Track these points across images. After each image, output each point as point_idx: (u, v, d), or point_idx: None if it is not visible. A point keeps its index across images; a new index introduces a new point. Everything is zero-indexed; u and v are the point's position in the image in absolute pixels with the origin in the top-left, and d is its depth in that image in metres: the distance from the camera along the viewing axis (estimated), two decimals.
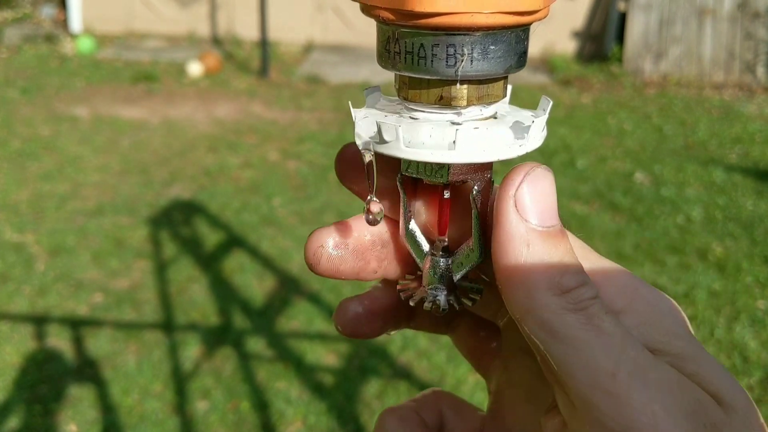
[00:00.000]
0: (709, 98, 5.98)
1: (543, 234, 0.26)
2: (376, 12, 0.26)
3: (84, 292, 2.81)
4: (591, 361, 0.24)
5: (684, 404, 0.24)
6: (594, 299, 0.26)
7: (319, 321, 2.69)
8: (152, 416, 2.18)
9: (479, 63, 0.26)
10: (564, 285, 0.26)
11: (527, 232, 0.26)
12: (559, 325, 0.25)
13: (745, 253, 3.27)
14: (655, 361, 0.25)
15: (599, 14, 6.82)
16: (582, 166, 4.31)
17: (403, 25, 0.26)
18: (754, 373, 2.43)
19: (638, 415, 0.24)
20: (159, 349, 2.50)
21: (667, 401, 0.24)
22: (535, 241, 0.26)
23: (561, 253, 0.26)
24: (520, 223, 0.26)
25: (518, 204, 0.26)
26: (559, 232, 0.27)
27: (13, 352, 2.43)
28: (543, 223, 0.26)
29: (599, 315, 0.25)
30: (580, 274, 0.26)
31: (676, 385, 0.25)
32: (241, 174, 4.05)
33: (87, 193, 3.73)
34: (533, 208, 0.26)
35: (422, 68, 0.26)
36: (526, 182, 0.26)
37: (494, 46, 0.26)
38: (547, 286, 0.25)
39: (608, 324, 0.25)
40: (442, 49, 0.25)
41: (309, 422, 2.19)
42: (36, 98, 5.32)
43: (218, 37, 7.27)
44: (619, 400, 0.24)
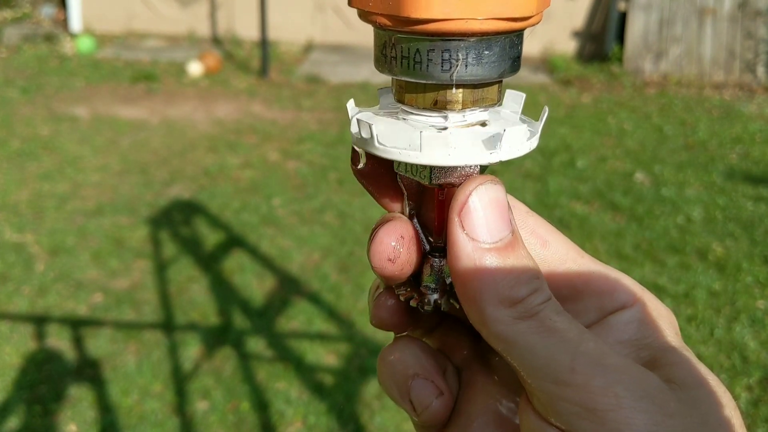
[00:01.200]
0: (709, 98, 5.98)
1: (491, 250, 0.27)
2: (374, 18, 0.26)
3: (84, 292, 2.81)
4: (549, 361, 0.26)
5: (643, 386, 0.26)
6: (545, 303, 0.27)
7: (318, 321, 2.69)
8: (152, 416, 2.18)
9: (474, 68, 0.26)
10: (514, 297, 0.27)
11: (474, 251, 0.27)
12: (512, 334, 0.27)
13: (745, 253, 3.27)
14: (611, 350, 0.27)
15: (599, 14, 6.82)
16: (582, 166, 4.30)
17: (399, 31, 0.26)
18: (754, 373, 2.43)
19: (601, 398, 0.25)
20: (159, 349, 2.49)
21: (627, 383, 0.25)
22: (482, 258, 0.27)
23: (512, 263, 0.27)
24: (468, 243, 0.27)
25: (464, 223, 0.27)
26: (509, 244, 0.28)
27: (13, 352, 2.43)
28: (490, 239, 0.27)
29: (551, 317, 0.27)
30: (532, 281, 0.27)
31: (635, 370, 0.26)
32: (240, 174, 4.05)
33: (87, 193, 3.72)
34: (479, 225, 0.27)
35: (418, 73, 0.27)
36: (471, 201, 0.27)
37: (488, 51, 0.26)
38: (497, 300, 0.27)
39: (561, 323, 0.27)
40: (437, 54, 0.26)
41: (309, 422, 2.18)
42: (35, 98, 5.32)
43: (218, 36, 7.27)
44: (580, 389, 0.25)
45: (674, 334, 0.31)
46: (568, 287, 0.31)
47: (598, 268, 0.32)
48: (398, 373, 0.33)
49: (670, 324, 0.31)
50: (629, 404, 0.25)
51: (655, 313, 0.31)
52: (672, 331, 0.31)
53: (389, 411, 2.23)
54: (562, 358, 0.26)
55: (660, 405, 0.26)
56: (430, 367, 0.33)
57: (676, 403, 0.26)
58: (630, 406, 0.25)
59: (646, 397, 0.25)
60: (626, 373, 0.26)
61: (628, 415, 0.25)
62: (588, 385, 0.25)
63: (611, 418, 0.25)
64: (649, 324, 0.30)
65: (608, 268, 0.32)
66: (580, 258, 0.32)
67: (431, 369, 0.33)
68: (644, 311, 0.31)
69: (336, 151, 4.44)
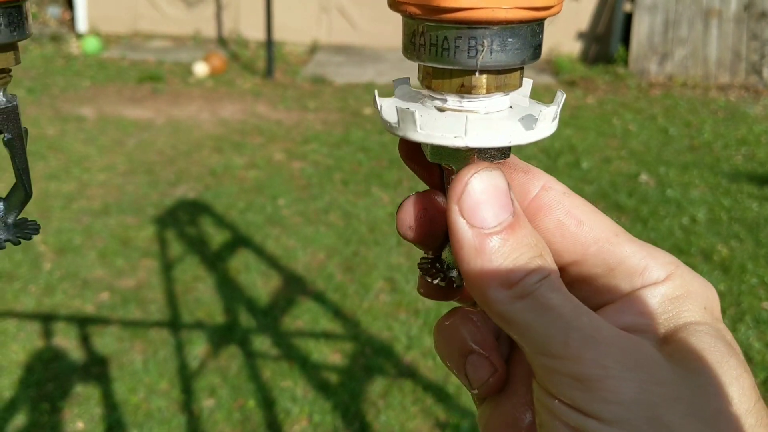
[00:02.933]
0: (714, 99, 5.98)
1: (490, 234, 0.29)
2: (404, 7, 0.28)
3: (90, 291, 2.83)
4: (544, 337, 0.28)
5: (634, 357, 0.27)
6: (542, 281, 0.28)
7: (324, 320, 2.69)
8: (158, 414, 2.19)
9: (498, 54, 0.28)
10: (511, 279, 0.28)
11: (474, 236, 0.29)
12: (511, 313, 0.28)
13: (750, 255, 3.27)
14: (605, 323, 0.28)
15: (605, 15, 6.82)
16: (587, 167, 4.31)
17: (428, 19, 0.28)
18: (759, 374, 2.43)
19: (590, 369, 0.27)
20: (165, 347, 2.51)
21: (616, 355, 0.27)
22: (482, 243, 0.29)
23: (511, 245, 0.29)
24: (468, 229, 0.29)
25: (463, 211, 0.29)
26: (508, 227, 0.29)
27: (20, 350, 2.45)
28: (488, 224, 0.29)
29: (546, 295, 0.28)
30: (531, 261, 0.29)
31: (627, 342, 0.28)
32: (246, 174, 4.07)
33: (93, 193, 3.74)
34: (477, 211, 0.29)
35: (445, 59, 0.28)
36: (468, 188, 0.29)
37: (512, 39, 0.28)
38: (497, 283, 0.28)
39: (556, 300, 0.28)
40: (464, 41, 0.28)
41: (314, 420, 2.19)
42: (42, 98, 5.34)
43: (223, 37, 7.29)
44: (572, 362, 0.27)
45: (702, 311, 0.31)
46: (601, 265, 0.32)
47: (634, 246, 0.32)
48: (454, 348, 0.34)
49: (701, 301, 0.31)
50: (617, 374, 0.27)
51: (684, 289, 0.31)
52: (699, 308, 0.31)
53: (394, 409, 2.24)
54: (555, 333, 0.27)
55: (650, 374, 0.27)
56: (485, 341, 0.34)
57: (669, 373, 0.27)
58: (617, 376, 0.27)
59: (635, 367, 0.27)
60: (617, 345, 0.27)
61: (616, 383, 0.27)
62: (579, 357, 0.27)
63: (599, 386, 0.27)
64: (674, 300, 0.31)
65: (646, 247, 0.33)
66: (614, 237, 0.32)
67: (486, 343, 0.34)
68: (673, 287, 0.31)
69: (341, 152, 4.45)
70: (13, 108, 0.34)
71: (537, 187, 0.33)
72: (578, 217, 0.32)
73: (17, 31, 0.32)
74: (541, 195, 0.33)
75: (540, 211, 0.33)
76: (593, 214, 0.33)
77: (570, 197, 0.33)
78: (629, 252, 0.32)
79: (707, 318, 0.31)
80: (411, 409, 2.24)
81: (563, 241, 0.32)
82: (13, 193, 0.35)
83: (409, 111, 0.29)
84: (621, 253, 0.32)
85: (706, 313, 0.31)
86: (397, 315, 2.73)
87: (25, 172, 0.35)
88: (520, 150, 4.52)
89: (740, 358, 0.30)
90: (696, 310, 0.31)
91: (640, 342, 0.28)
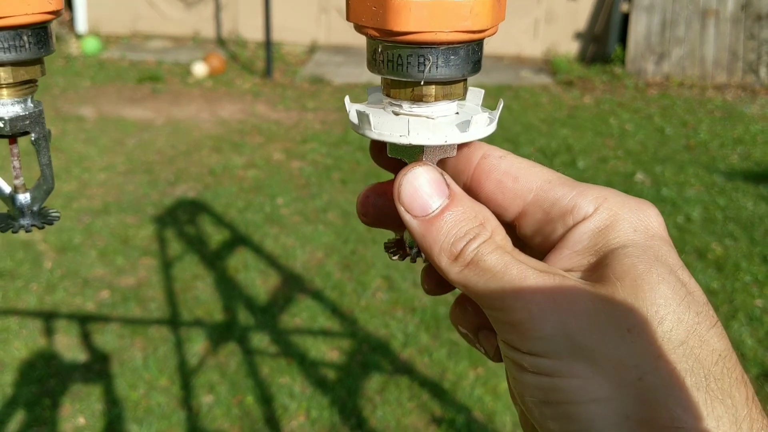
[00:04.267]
0: (711, 99, 6.01)
1: (430, 219, 0.33)
2: (366, 30, 0.34)
3: (91, 289, 2.86)
4: (487, 295, 0.32)
5: (554, 297, 0.31)
6: (480, 245, 0.33)
7: (322, 318, 2.73)
8: (158, 410, 2.23)
9: (443, 69, 0.34)
10: (454, 251, 0.33)
11: (418, 224, 0.34)
12: (462, 280, 0.33)
13: (744, 253, 3.30)
14: (533, 272, 0.32)
15: (602, 15, 6.85)
16: (583, 167, 4.34)
17: (385, 40, 0.33)
18: (751, 369, 2.46)
19: (519, 315, 0.31)
20: (165, 344, 2.54)
21: (538, 300, 0.31)
22: (425, 227, 0.34)
23: (450, 222, 0.33)
24: (411, 219, 0.34)
25: (404, 204, 0.34)
26: (445, 208, 0.33)
27: (22, 347, 2.48)
28: (427, 210, 0.33)
29: (483, 258, 0.32)
30: (469, 232, 0.33)
31: (549, 285, 0.31)
32: (245, 173, 4.10)
33: (93, 192, 3.77)
34: (413, 203, 0.34)
35: (400, 72, 0.34)
36: (402, 185, 0.34)
37: (454, 56, 0.34)
38: (446, 257, 0.33)
39: (492, 260, 0.32)
40: (414, 58, 0.33)
41: (312, 416, 2.22)
42: (41, 98, 5.33)
43: (223, 38, 7.32)
44: (507, 312, 0.32)
45: (631, 233, 0.33)
46: (539, 212, 0.36)
47: (564, 188, 0.35)
48: (466, 323, 0.39)
49: (630, 224, 0.33)
50: (538, 314, 0.31)
51: (611, 218, 0.34)
52: (627, 232, 0.33)
53: (391, 405, 2.27)
54: (494, 290, 0.32)
55: (568, 308, 0.31)
56: None
57: (587, 303, 0.31)
58: (539, 316, 0.31)
59: (554, 306, 0.31)
60: (539, 290, 0.31)
61: (538, 324, 0.31)
62: (511, 307, 0.31)
63: (526, 328, 0.31)
64: (602, 231, 0.34)
65: (578, 186, 0.35)
66: (547, 184, 0.35)
67: None
68: (600, 219, 0.34)
69: (339, 151, 4.48)
70: (39, 112, 0.39)
71: (478, 157, 0.37)
72: (513, 174, 0.36)
73: (44, 48, 0.37)
74: (480, 163, 0.37)
75: (481, 176, 0.37)
76: (529, 168, 0.36)
77: (506, 159, 0.37)
78: (560, 194, 0.35)
79: (638, 238, 0.33)
80: (407, 405, 2.27)
81: (504, 198, 0.36)
82: (38, 185, 0.41)
83: (365, 113, 0.35)
84: (553, 197, 0.35)
85: (636, 234, 0.33)
86: (394, 313, 2.76)
87: (49, 167, 0.40)
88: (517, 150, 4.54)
89: (668, 267, 0.32)
90: (623, 234, 0.33)
91: (563, 281, 0.32)
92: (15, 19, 0.35)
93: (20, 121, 0.39)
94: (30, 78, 0.38)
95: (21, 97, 0.38)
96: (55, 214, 0.41)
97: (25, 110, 0.39)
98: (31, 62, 0.37)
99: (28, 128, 0.39)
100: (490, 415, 2.24)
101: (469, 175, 0.37)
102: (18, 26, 0.35)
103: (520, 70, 6.57)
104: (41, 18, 0.36)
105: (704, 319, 0.31)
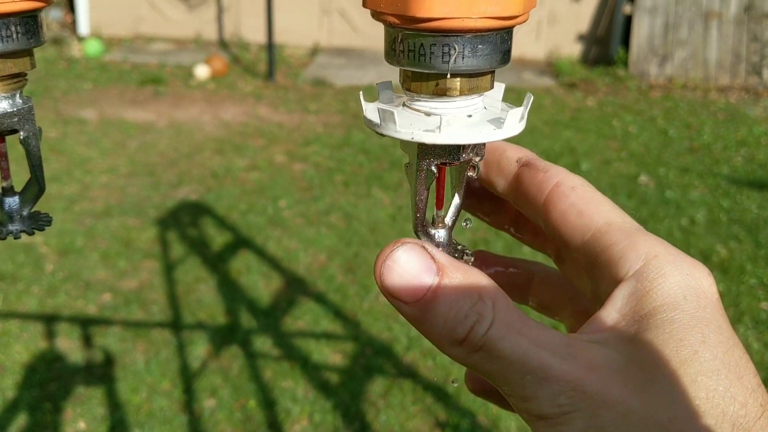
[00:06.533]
0: (714, 101, 5.99)
1: (421, 305, 0.30)
2: (384, 17, 0.31)
3: (92, 292, 2.84)
4: (505, 381, 0.29)
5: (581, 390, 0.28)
6: (487, 331, 0.29)
7: (325, 321, 2.71)
8: (160, 414, 2.21)
9: (469, 59, 0.31)
10: (457, 338, 0.29)
11: (410, 311, 0.30)
12: (472, 364, 0.29)
13: (749, 256, 3.28)
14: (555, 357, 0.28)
15: (605, 17, 6.84)
16: (586, 169, 4.32)
17: (406, 28, 0.30)
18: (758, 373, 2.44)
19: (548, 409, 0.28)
20: (167, 348, 2.52)
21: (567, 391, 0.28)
22: (419, 314, 0.30)
23: (446, 304, 0.29)
24: (404, 306, 0.30)
25: (389, 294, 0.30)
26: (434, 291, 0.29)
27: (23, 351, 2.47)
28: (416, 297, 0.29)
29: (495, 345, 0.29)
30: (468, 315, 0.29)
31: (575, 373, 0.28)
32: (247, 176, 4.09)
33: (95, 195, 3.76)
34: (402, 290, 0.30)
35: (422, 64, 0.31)
36: (383, 272, 0.30)
37: (482, 45, 0.31)
38: (449, 343, 0.29)
39: (506, 347, 0.29)
40: (438, 47, 0.30)
41: (315, 420, 2.21)
42: (44, 101, 5.37)
43: (225, 40, 7.32)
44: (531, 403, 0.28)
45: (679, 299, 0.30)
46: (592, 254, 0.33)
47: (620, 235, 0.32)
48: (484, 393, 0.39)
49: (676, 289, 0.30)
50: (568, 409, 0.28)
51: (657, 280, 0.30)
52: (673, 297, 0.30)
53: (394, 409, 2.25)
54: (513, 378, 0.29)
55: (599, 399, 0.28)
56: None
57: (619, 391, 0.28)
58: (568, 412, 0.28)
59: (583, 398, 0.28)
60: (566, 380, 0.28)
61: (568, 418, 0.28)
62: (536, 398, 0.28)
63: (555, 423, 0.28)
64: (644, 294, 0.30)
65: (634, 234, 0.32)
66: (607, 226, 0.33)
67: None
68: (645, 279, 0.30)
69: (342, 153, 4.47)
70: (29, 109, 0.36)
71: (551, 185, 0.35)
72: (579, 208, 0.34)
73: (33, 39, 0.34)
74: (552, 191, 0.35)
75: (548, 205, 0.35)
76: (597, 205, 0.34)
77: (578, 190, 0.34)
78: (613, 240, 0.32)
79: (685, 305, 0.29)
80: (411, 409, 2.26)
81: (566, 232, 0.34)
82: (27, 187, 0.38)
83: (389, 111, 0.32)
84: (606, 242, 0.32)
85: (685, 301, 0.29)
86: (397, 316, 2.74)
87: (39, 168, 0.37)
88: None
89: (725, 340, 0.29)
90: (667, 299, 0.30)
91: (592, 366, 0.28)
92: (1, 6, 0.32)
93: (8, 118, 0.36)
94: (18, 71, 0.35)
95: (9, 92, 0.36)
96: (46, 218, 0.38)
97: (13, 106, 0.36)
98: (19, 54, 0.34)
99: (16, 126, 0.36)
100: (495, 420, 2.22)
101: (539, 204, 0.35)
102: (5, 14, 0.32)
103: (523, 72, 6.56)
104: (30, 6, 0.33)
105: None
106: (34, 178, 0.38)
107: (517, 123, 0.33)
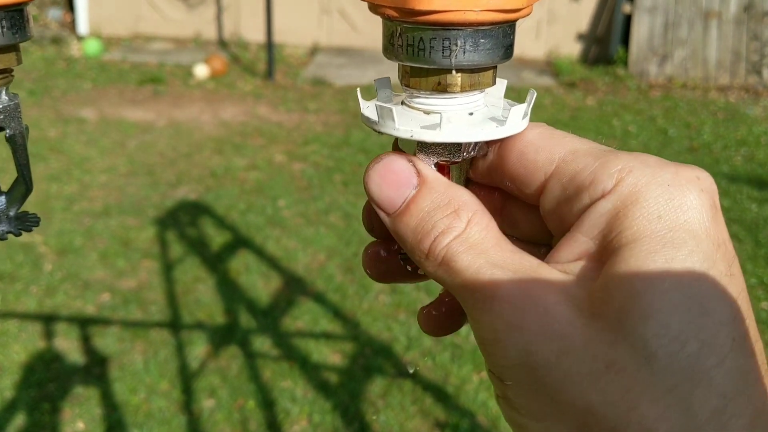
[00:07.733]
0: (714, 101, 5.98)
1: (399, 215, 0.30)
2: (382, 10, 0.30)
3: (91, 292, 2.84)
4: (459, 294, 0.28)
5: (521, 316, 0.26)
6: (450, 243, 0.28)
7: (324, 321, 2.70)
8: (159, 414, 2.20)
9: (471, 54, 0.29)
10: (424, 249, 0.29)
11: (391, 221, 0.31)
12: (438, 278, 0.29)
13: (749, 255, 3.28)
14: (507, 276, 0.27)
15: (604, 17, 6.83)
16: None
17: (405, 21, 0.29)
18: None
19: (487, 333, 0.27)
20: (165, 348, 2.52)
21: (508, 316, 0.26)
22: (398, 224, 0.30)
23: (418, 218, 0.30)
24: (385, 216, 0.31)
25: (373, 201, 0.31)
26: (412, 200, 0.30)
27: (22, 351, 2.46)
28: (393, 207, 0.30)
29: (454, 257, 0.28)
30: (436, 225, 0.29)
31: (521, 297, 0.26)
32: (246, 175, 4.08)
33: (94, 194, 3.75)
34: (381, 200, 0.31)
35: (421, 59, 0.30)
36: (367, 185, 0.31)
37: (484, 40, 0.30)
38: (418, 255, 0.30)
39: (463, 260, 0.28)
40: (438, 42, 0.29)
41: (314, 421, 2.20)
42: (43, 100, 5.36)
43: (224, 39, 7.31)
44: (475, 324, 0.28)
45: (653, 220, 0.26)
46: (557, 187, 0.30)
47: (588, 159, 0.29)
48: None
49: (653, 207, 0.26)
50: (504, 336, 0.26)
51: (631, 197, 0.27)
52: (647, 218, 0.26)
53: (393, 409, 2.24)
54: (465, 295, 0.28)
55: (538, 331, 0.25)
56: None
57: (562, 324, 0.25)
58: (504, 339, 0.26)
59: (522, 326, 0.26)
60: (510, 302, 0.26)
61: (503, 347, 0.26)
62: (479, 320, 0.27)
63: (492, 350, 0.27)
64: (618, 215, 0.27)
65: (604, 155, 0.29)
66: (572, 154, 0.30)
67: None
68: (619, 198, 0.27)
69: (341, 153, 4.46)
70: (15, 106, 0.35)
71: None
72: (537, 144, 0.31)
73: (19, 33, 0.33)
74: (506, 139, 0.32)
75: (505, 149, 0.32)
76: (556, 138, 0.31)
77: (536, 128, 0.32)
78: (582, 165, 0.29)
79: (657, 225, 0.26)
80: (410, 409, 2.25)
81: (525, 172, 0.31)
82: (14, 187, 0.37)
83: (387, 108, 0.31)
84: (573, 169, 0.29)
85: (658, 221, 0.26)
86: (397, 316, 2.74)
87: (26, 167, 0.37)
88: None
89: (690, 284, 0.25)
90: (639, 223, 0.26)
91: (540, 291, 0.26)
92: None
93: None
94: (4, 67, 0.34)
95: None
96: (34, 219, 0.38)
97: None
98: (5, 50, 0.33)
99: (2, 123, 0.35)
100: (495, 420, 2.22)
101: (495, 151, 0.32)
102: None
103: (522, 71, 6.55)
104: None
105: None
106: (21, 177, 0.37)
107: (520, 120, 0.31)
